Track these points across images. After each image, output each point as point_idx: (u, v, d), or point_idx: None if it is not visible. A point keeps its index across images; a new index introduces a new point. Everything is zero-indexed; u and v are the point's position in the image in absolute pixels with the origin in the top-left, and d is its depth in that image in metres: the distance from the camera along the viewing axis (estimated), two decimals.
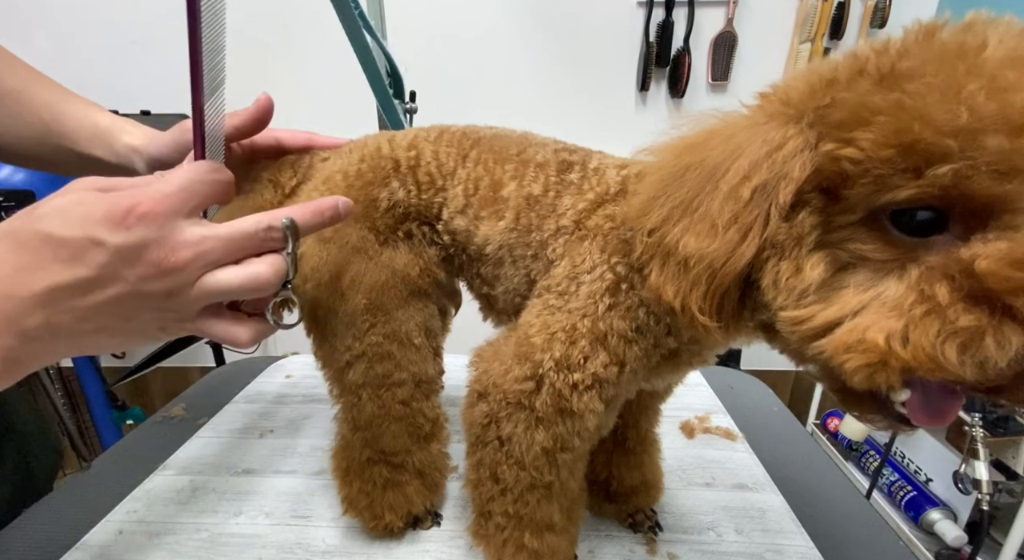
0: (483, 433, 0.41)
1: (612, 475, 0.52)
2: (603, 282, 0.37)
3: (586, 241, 0.39)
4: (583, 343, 0.37)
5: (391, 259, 0.45)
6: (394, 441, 0.48)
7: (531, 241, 0.42)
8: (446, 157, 0.45)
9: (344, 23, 0.79)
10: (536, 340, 0.38)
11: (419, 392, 0.48)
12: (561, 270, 0.40)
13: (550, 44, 1.51)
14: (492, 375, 0.40)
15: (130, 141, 0.50)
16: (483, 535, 0.44)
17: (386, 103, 0.90)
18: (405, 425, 0.48)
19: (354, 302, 0.44)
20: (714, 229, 0.29)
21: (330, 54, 1.44)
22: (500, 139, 0.45)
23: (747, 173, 0.28)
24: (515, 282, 0.44)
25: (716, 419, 0.70)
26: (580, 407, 0.38)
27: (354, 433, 0.48)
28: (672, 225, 0.30)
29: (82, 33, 1.50)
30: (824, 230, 0.27)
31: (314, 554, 0.49)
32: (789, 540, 0.50)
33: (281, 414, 0.71)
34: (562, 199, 0.41)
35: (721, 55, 1.48)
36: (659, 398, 0.52)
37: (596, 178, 0.41)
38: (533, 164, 0.43)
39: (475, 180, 0.44)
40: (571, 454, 0.40)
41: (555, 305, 0.39)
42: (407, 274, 0.45)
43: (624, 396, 0.42)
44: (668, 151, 0.34)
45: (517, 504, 0.41)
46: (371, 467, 0.49)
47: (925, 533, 1.10)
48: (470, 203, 0.44)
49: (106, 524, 0.52)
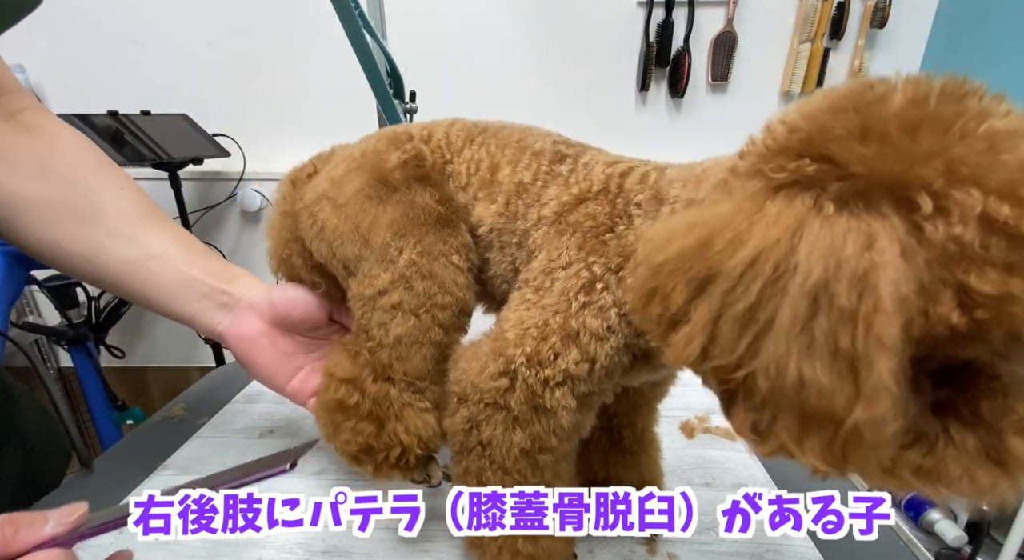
0: (465, 439, 0.41)
1: (609, 475, 0.52)
2: (578, 280, 0.37)
3: (564, 236, 0.39)
4: (554, 339, 0.37)
5: (409, 197, 0.45)
6: (423, 365, 0.45)
7: (516, 229, 0.43)
8: (455, 137, 0.47)
9: (344, 23, 0.79)
10: (509, 335, 0.39)
11: (459, 322, 0.46)
12: (537, 264, 0.40)
13: (550, 44, 1.51)
14: (470, 374, 0.40)
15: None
16: (477, 544, 0.44)
17: (386, 103, 0.90)
18: (439, 352, 0.45)
19: (379, 238, 0.44)
20: (844, 366, 0.22)
21: (330, 54, 1.44)
22: (507, 128, 0.47)
23: (863, 296, 0.22)
24: (502, 268, 0.45)
25: (716, 419, 0.70)
26: (552, 403, 0.38)
27: (373, 353, 0.45)
28: (786, 363, 0.23)
29: (82, 33, 1.50)
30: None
31: (314, 554, 0.49)
32: (789, 540, 0.50)
33: (281, 414, 0.71)
34: (548, 189, 0.42)
35: (721, 55, 1.48)
36: (654, 397, 0.52)
37: (584, 173, 0.41)
38: (530, 152, 0.44)
39: (477, 161, 0.45)
40: (550, 455, 0.40)
41: (530, 300, 0.39)
42: (427, 204, 0.44)
43: (600, 396, 0.41)
44: (697, 235, 0.27)
45: None
46: (386, 389, 0.45)
47: (925, 533, 1.10)
48: (470, 182, 0.45)
49: None
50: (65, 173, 0.46)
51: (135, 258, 0.47)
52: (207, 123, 1.45)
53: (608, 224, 0.38)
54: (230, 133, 1.52)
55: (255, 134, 1.54)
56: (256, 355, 0.50)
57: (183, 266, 0.48)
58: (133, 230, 0.48)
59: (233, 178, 1.56)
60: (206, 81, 1.53)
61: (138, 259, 0.47)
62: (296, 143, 0.87)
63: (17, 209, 0.44)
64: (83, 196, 0.46)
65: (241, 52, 1.52)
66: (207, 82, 1.53)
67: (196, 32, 1.50)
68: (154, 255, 0.48)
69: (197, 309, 0.49)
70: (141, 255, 0.47)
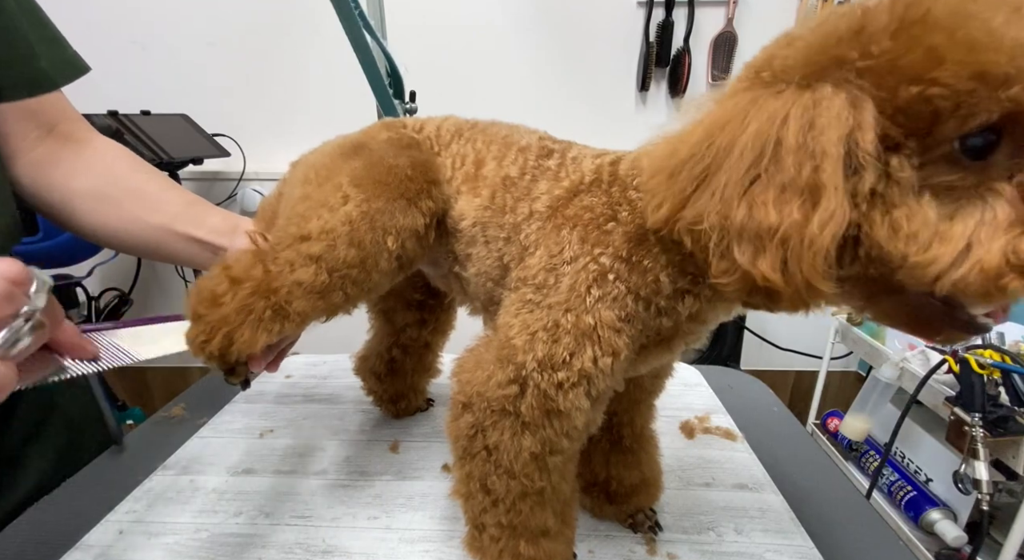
0: (470, 444, 0.40)
1: (611, 475, 0.52)
2: (587, 273, 0.37)
3: (563, 230, 0.39)
4: (567, 340, 0.37)
5: (383, 155, 0.45)
6: (308, 312, 0.43)
7: (504, 222, 0.43)
8: (445, 132, 0.48)
9: (344, 23, 0.79)
10: (517, 341, 0.38)
11: (362, 299, 0.45)
12: (537, 261, 0.39)
13: (550, 44, 1.51)
14: (475, 384, 0.39)
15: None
16: (478, 547, 0.44)
17: (386, 103, 0.90)
18: (329, 312, 0.44)
19: (333, 182, 0.44)
20: (794, 196, 0.28)
21: (330, 54, 1.44)
22: (494, 125, 0.48)
23: (808, 135, 0.28)
24: (487, 264, 0.45)
25: (716, 419, 0.70)
26: (567, 406, 0.37)
27: (271, 277, 0.42)
28: (735, 206, 0.29)
29: (82, 33, 1.50)
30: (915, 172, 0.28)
31: (314, 554, 0.49)
32: (789, 540, 0.50)
33: (281, 414, 0.71)
34: (538, 184, 0.42)
35: (721, 55, 1.49)
36: (652, 392, 0.52)
37: (573, 166, 0.41)
38: (516, 147, 0.45)
39: (462, 156, 0.46)
40: (560, 456, 0.40)
41: (533, 300, 0.38)
42: (398, 165, 0.44)
43: (612, 389, 0.41)
44: (673, 144, 0.33)
45: (510, 514, 0.41)
46: (258, 303, 0.41)
47: (925, 533, 1.10)
48: (454, 175, 0.46)
49: (106, 524, 0.52)
50: (105, 170, 0.55)
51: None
52: (207, 123, 1.45)
53: (608, 213, 0.38)
54: (230, 133, 1.52)
55: (255, 134, 1.54)
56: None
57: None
58: (185, 210, 0.54)
59: (233, 178, 1.56)
60: (206, 81, 1.53)
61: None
62: (296, 143, 0.87)
63: (73, 201, 0.53)
64: (124, 186, 0.54)
65: (241, 52, 1.52)
66: (207, 82, 1.53)
67: (196, 32, 1.50)
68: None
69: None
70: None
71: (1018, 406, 0.90)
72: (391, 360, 0.67)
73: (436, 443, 0.65)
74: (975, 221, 0.26)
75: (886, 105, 0.27)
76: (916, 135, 0.27)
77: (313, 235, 0.42)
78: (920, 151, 0.27)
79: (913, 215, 0.27)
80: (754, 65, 0.32)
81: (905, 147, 0.27)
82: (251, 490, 0.57)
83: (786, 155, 0.28)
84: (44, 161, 0.53)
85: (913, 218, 0.27)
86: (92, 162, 0.55)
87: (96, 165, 0.54)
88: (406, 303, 0.64)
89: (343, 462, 0.61)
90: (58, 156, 0.53)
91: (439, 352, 0.70)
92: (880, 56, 0.27)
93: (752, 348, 1.72)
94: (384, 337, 0.66)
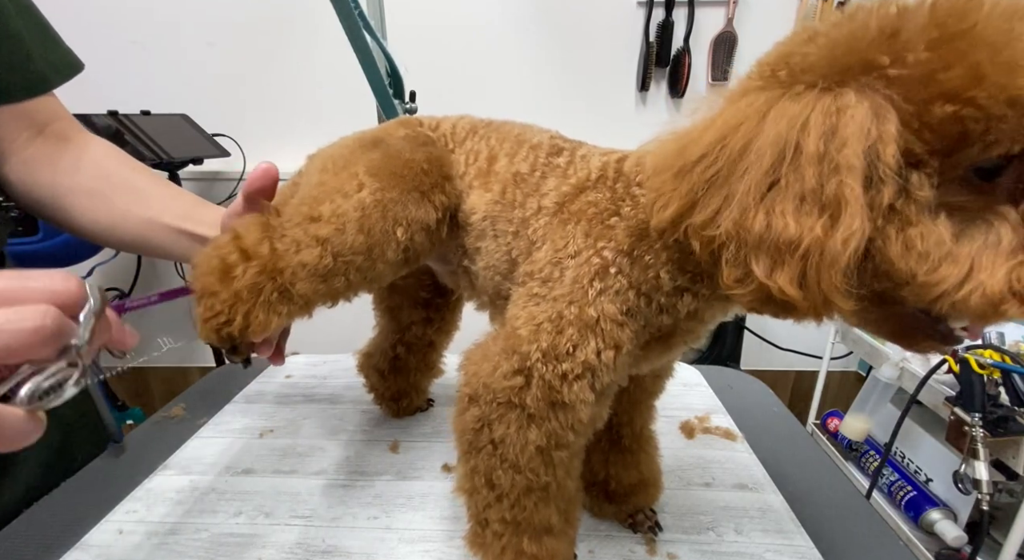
0: (475, 438, 0.40)
1: (610, 475, 0.52)
2: (590, 267, 0.37)
3: (568, 225, 0.39)
4: (571, 331, 0.37)
5: (399, 150, 0.45)
6: (311, 295, 0.43)
7: (513, 217, 0.43)
8: (460, 129, 0.49)
9: (344, 23, 0.79)
10: (522, 332, 0.38)
11: (364, 287, 0.45)
12: (543, 255, 0.40)
13: (550, 44, 1.51)
14: (481, 375, 0.40)
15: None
16: (480, 543, 0.44)
17: (386, 103, 0.90)
18: (331, 297, 0.44)
19: (348, 171, 0.44)
20: (814, 208, 0.27)
21: (330, 54, 1.44)
22: (508, 124, 0.49)
23: (831, 144, 0.27)
24: (495, 258, 0.45)
25: (716, 419, 0.70)
26: (571, 398, 0.37)
27: (277, 255, 0.42)
28: (752, 214, 0.28)
29: (82, 33, 1.50)
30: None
31: (314, 554, 0.49)
32: (789, 540, 0.50)
33: (281, 414, 0.71)
34: (547, 180, 0.42)
35: (721, 55, 1.49)
36: (653, 392, 0.52)
37: (581, 164, 0.42)
38: (528, 145, 0.45)
39: (476, 152, 0.47)
40: (566, 451, 0.40)
41: (539, 293, 0.39)
42: (415, 160, 0.45)
43: (616, 385, 0.41)
44: (682, 142, 0.32)
45: (514, 509, 0.41)
46: (266, 284, 0.42)
47: (925, 533, 1.10)
48: (467, 171, 0.47)
49: (106, 524, 0.52)
50: (96, 167, 0.54)
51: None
52: (207, 123, 1.45)
53: (612, 209, 0.38)
54: (230, 133, 1.52)
55: (255, 134, 1.55)
56: None
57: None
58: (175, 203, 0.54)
59: (233, 178, 1.56)
60: (206, 81, 1.53)
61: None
62: (296, 143, 0.88)
63: (64, 199, 0.53)
64: (115, 182, 0.54)
65: (241, 52, 1.52)
66: (207, 82, 1.53)
67: (196, 32, 1.50)
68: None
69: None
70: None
71: (1018, 406, 0.90)
72: (395, 357, 0.67)
73: (436, 443, 0.65)
74: (979, 244, 0.26)
75: (913, 119, 0.26)
76: (939, 154, 0.26)
77: (324, 217, 0.42)
78: (940, 170, 0.27)
79: (928, 234, 0.26)
80: (768, 62, 0.31)
81: (927, 165, 0.27)
82: (251, 490, 0.57)
83: (806, 164, 0.27)
84: (35, 160, 0.52)
85: (928, 238, 0.26)
86: (82, 159, 0.54)
87: (86, 162, 0.54)
88: (413, 301, 0.64)
89: (343, 462, 0.61)
90: (49, 155, 0.53)
91: (443, 351, 0.70)
92: (915, 66, 0.26)
93: (752, 348, 1.72)
94: (389, 334, 0.67)
